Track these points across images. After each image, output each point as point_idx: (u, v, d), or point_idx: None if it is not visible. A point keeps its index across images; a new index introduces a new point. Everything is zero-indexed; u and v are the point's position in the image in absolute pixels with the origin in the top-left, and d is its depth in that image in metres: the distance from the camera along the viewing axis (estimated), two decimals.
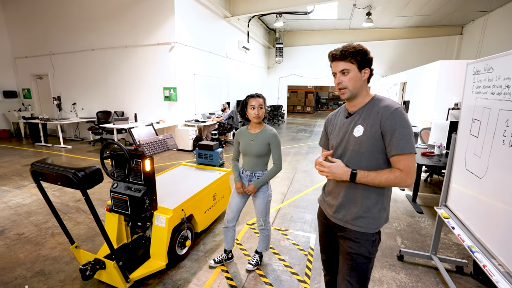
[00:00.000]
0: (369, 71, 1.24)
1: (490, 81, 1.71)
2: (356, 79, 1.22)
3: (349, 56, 1.19)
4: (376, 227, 1.28)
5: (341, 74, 1.23)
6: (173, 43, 6.56)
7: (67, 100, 8.52)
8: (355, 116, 1.28)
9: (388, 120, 1.15)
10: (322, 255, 1.60)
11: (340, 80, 1.23)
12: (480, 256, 1.61)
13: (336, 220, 1.36)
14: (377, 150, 1.21)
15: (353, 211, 1.29)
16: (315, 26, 12.39)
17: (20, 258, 2.43)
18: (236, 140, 2.22)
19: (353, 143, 1.26)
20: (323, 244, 1.56)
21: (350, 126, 1.29)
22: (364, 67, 1.22)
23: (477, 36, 9.30)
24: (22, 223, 3.07)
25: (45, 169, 1.56)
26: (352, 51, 1.19)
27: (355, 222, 1.28)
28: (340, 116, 1.40)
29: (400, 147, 1.13)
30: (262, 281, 2.21)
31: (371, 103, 1.25)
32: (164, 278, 2.21)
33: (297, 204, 3.74)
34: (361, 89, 1.25)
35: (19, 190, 4.08)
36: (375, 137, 1.19)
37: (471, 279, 2.27)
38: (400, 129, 1.13)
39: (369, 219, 1.26)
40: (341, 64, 1.22)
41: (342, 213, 1.33)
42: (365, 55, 1.20)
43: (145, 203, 2.13)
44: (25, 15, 8.40)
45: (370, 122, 1.21)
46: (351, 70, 1.21)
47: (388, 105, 1.19)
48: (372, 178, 1.18)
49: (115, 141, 2.18)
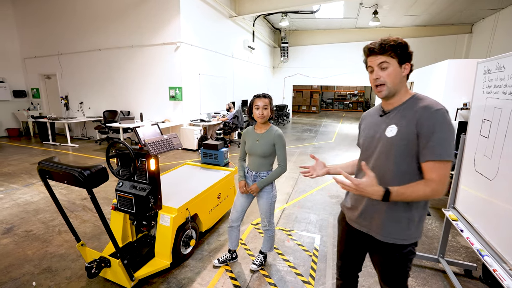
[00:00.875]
0: (410, 67, 1.13)
1: (502, 80, 1.66)
2: (396, 74, 1.11)
3: (389, 50, 1.09)
4: (404, 238, 1.17)
5: (379, 68, 1.12)
6: (178, 42, 6.59)
7: (74, 99, 8.63)
8: (390, 115, 1.17)
9: (427, 121, 1.04)
10: (339, 261, 1.52)
11: (377, 75, 1.12)
12: (490, 260, 1.57)
13: (359, 226, 1.29)
14: (409, 154, 1.10)
15: (378, 219, 1.20)
16: (321, 26, 12.31)
17: (28, 255, 2.47)
18: (243, 140, 2.22)
19: (383, 144, 1.16)
20: (341, 250, 1.49)
21: (382, 125, 1.19)
22: (405, 62, 1.11)
23: (487, 35, 9.11)
24: (30, 221, 3.12)
25: (51, 168, 1.57)
26: (392, 44, 1.09)
27: (380, 230, 1.20)
28: (375, 115, 1.29)
29: (437, 153, 1.02)
30: (266, 281, 2.20)
31: (410, 101, 1.14)
32: (169, 277, 2.22)
33: (302, 204, 3.72)
34: (400, 86, 1.14)
35: (28, 188, 4.15)
36: (409, 138, 1.08)
37: (480, 283, 2.22)
38: (439, 133, 1.02)
39: (396, 229, 1.17)
40: (379, 58, 1.11)
41: (366, 220, 1.25)
42: (406, 49, 1.10)
43: (150, 202, 2.14)
44: (33, 16, 8.54)
45: (406, 122, 1.10)
46: (390, 65, 1.10)
47: (429, 104, 1.07)
48: (408, 195, 1.05)
49: (121, 140, 2.19)
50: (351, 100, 20.11)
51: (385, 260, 1.24)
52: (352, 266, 1.47)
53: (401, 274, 1.24)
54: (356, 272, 1.51)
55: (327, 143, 8.09)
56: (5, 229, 2.92)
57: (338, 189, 4.27)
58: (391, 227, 1.17)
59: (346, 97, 20.31)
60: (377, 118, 1.24)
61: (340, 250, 1.49)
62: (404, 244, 1.17)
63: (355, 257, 1.44)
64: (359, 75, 12.97)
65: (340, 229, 1.47)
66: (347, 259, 1.47)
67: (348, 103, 20.19)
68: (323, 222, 3.21)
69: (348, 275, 1.51)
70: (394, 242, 1.18)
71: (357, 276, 1.53)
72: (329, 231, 3.02)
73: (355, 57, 12.77)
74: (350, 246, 1.42)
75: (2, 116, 8.59)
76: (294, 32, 13.45)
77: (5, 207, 3.45)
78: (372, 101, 19.43)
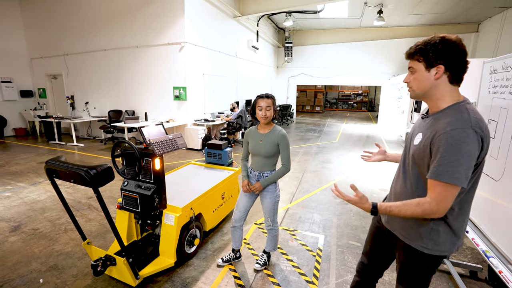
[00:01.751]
0: (443, 69, 1.01)
1: (508, 80, 1.65)
2: (421, 79, 1.06)
3: (416, 53, 1.06)
4: (424, 246, 1.14)
5: (410, 72, 1.13)
6: (183, 43, 6.62)
7: (80, 99, 8.73)
8: (426, 120, 1.13)
9: (437, 139, 0.99)
10: (363, 256, 1.53)
11: (408, 78, 1.13)
12: (496, 261, 1.55)
13: (386, 223, 1.32)
14: (426, 166, 1.07)
15: (405, 222, 1.20)
16: (325, 25, 12.27)
17: (35, 253, 2.51)
18: (246, 140, 2.22)
19: (410, 150, 1.16)
20: (368, 247, 1.50)
21: (417, 129, 1.16)
22: (434, 65, 1.02)
23: (494, 34, 9.00)
24: (37, 219, 3.17)
25: (58, 167, 1.60)
26: (421, 48, 1.04)
27: (400, 230, 1.23)
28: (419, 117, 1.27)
29: (437, 172, 0.97)
30: (270, 281, 2.20)
31: (446, 111, 1.05)
32: (173, 275, 2.24)
33: (306, 204, 3.71)
34: (432, 91, 1.07)
35: (35, 186, 4.21)
36: (425, 151, 1.06)
37: (486, 285, 2.20)
38: (445, 153, 0.96)
39: (417, 236, 1.16)
40: (409, 63, 1.11)
41: (395, 218, 1.26)
42: (435, 48, 1.01)
43: (154, 201, 2.16)
44: (40, 18, 8.66)
45: (428, 134, 1.06)
46: (417, 70, 1.08)
47: (451, 121, 0.98)
48: (395, 212, 1.08)
49: (126, 140, 2.22)
50: (355, 100, 20.01)
51: (404, 260, 1.24)
52: (375, 266, 1.47)
53: (415, 280, 1.23)
54: (377, 274, 1.50)
55: (331, 143, 8.06)
56: (13, 227, 2.97)
57: (342, 190, 4.25)
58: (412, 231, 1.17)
59: (350, 97, 20.21)
60: (420, 118, 1.20)
61: (367, 246, 1.50)
62: (424, 252, 1.15)
63: (380, 258, 1.44)
64: (364, 75, 12.91)
65: (372, 225, 1.48)
66: (372, 258, 1.47)
67: (352, 103, 20.09)
68: (327, 222, 3.21)
69: (368, 274, 1.51)
70: (413, 246, 1.17)
71: (377, 278, 1.52)
72: (332, 231, 3.02)
73: (359, 56, 12.71)
74: (378, 244, 1.43)
75: (10, 116, 8.72)
76: (298, 32, 13.42)
77: (12, 205, 3.51)
78: (376, 101, 19.30)
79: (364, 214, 3.42)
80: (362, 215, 3.39)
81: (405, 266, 1.24)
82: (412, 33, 11.66)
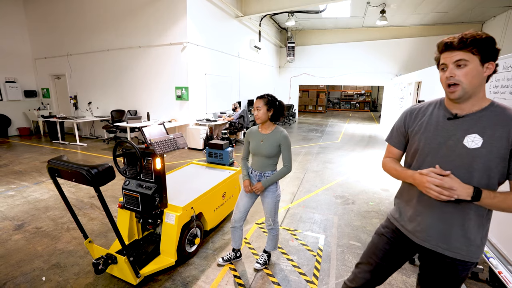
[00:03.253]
0: (494, 66, 0.97)
1: (509, 80, 1.64)
2: (475, 74, 0.96)
3: (471, 45, 0.94)
4: (477, 256, 1.08)
5: (454, 66, 0.98)
6: (185, 43, 6.65)
7: (83, 99, 8.79)
8: (468, 121, 1.02)
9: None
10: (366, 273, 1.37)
11: (452, 73, 0.98)
12: (496, 262, 1.55)
13: (422, 242, 1.15)
14: (495, 169, 0.98)
15: (449, 235, 1.09)
16: (328, 25, 12.25)
17: (38, 251, 2.54)
18: (246, 139, 2.23)
19: (462, 154, 1.02)
20: (374, 263, 1.33)
21: (457, 132, 1.03)
22: (488, 60, 0.96)
23: (498, 33, 8.92)
24: (40, 218, 3.20)
25: (60, 166, 1.62)
26: (475, 39, 0.94)
27: (450, 247, 1.09)
28: (435, 115, 1.12)
29: None
30: (270, 280, 2.21)
31: (493, 109, 1.00)
32: (174, 274, 2.25)
33: (307, 204, 3.71)
34: (479, 89, 0.99)
35: (38, 185, 4.25)
36: (499, 153, 0.97)
37: (487, 286, 2.18)
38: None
39: (468, 246, 1.07)
40: (457, 54, 0.97)
41: (433, 234, 1.12)
42: (492, 45, 0.95)
43: (155, 200, 2.17)
44: (44, 19, 8.74)
45: (496, 134, 0.97)
46: (470, 63, 0.95)
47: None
48: (500, 201, 0.95)
49: (127, 139, 2.23)
50: (358, 100, 19.94)
51: (448, 277, 1.14)
52: (377, 281, 1.37)
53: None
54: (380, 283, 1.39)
55: (333, 143, 8.05)
56: (16, 226, 3.01)
57: (343, 190, 4.26)
58: (463, 243, 1.07)
59: (353, 97, 20.16)
60: (443, 120, 1.08)
61: (371, 262, 1.35)
62: (470, 261, 1.09)
63: (386, 274, 1.34)
64: (366, 75, 12.87)
65: (381, 243, 1.32)
66: (378, 274, 1.35)
67: (355, 103, 20.03)
68: (328, 222, 3.21)
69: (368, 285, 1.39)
70: (461, 259, 1.08)
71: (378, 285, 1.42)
72: (333, 231, 3.02)
73: (362, 56, 12.67)
74: (389, 263, 1.30)
75: (14, 116, 8.80)
76: (300, 32, 13.41)
77: (16, 204, 3.55)
78: (379, 101, 19.22)
79: (364, 214, 3.42)
80: (363, 216, 3.39)
81: (448, 281, 1.14)
82: (415, 33, 11.60)
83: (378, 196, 4.03)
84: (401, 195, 1.27)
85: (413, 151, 1.16)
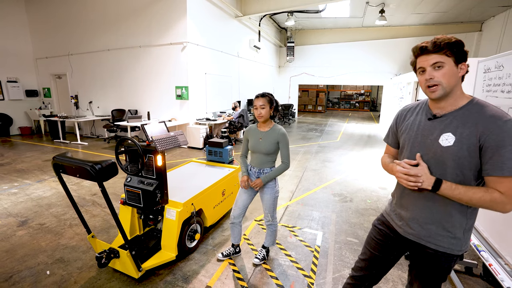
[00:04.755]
0: (466, 67, 1.06)
1: (500, 79, 1.69)
2: (452, 74, 1.03)
3: (445, 48, 1.02)
4: (459, 249, 1.14)
5: (432, 68, 1.05)
6: (185, 43, 6.70)
7: (84, 98, 8.85)
8: (444, 120, 1.09)
9: (494, 134, 0.96)
10: (363, 261, 1.45)
11: (431, 75, 1.05)
12: (487, 255, 1.60)
13: (407, 234, 1.23)
14: (467, 166, 1.04)
15: (430, 228, 1.15)
16: (327, 25, 12.29)
17: (42, 246, 2.59)
18: (245, 137, 2.28)
19: (437, 152, 1.09)
20: (370, 255, 1.41)
21: (435, 131, 1.11)
22: (461, 62, 1.04)
23: (498, 32, 8.97)
24: (43, 214, 3.26)
25: (65, 162, 1.67)
26: (448, 42, 1.02)
27: (431, 239, 1.16)
28: (419, 115, 1.20)
29: (508, 168, 0.95)
30: (268, 275, 2.26)
31: (469, 107, 1.05)
32: (174, 269, 2.30)
33: (305, 202, 3.76)
34: (456, 87, 1.06)
35: (40, 183, 4.31)
36: (469, 150, 1.02)
37: (480, 280, 2.23)
38: (510, 146, 0.94)
39: (449, 239, 1.13)
40: (433, 57, 1.04)
41: (416, 227, 1.19)
42: (462, 47, 1.03)
43: (157, 196, 2.23)
44: (45, 19, 8.79)
45: (466, 132, 1.03)
46: (446, 64, 1.03)
47: (495, 114, 0.98)
48: (461, 193, 1.01)
49: (129, 137, 2.29)
50: (357, 99, 19.99)
51: (431, 266, 1.20)
52: (375, 274, 1.43)
53: (439, 282, 1.23)
54: (375, 281, 1.46)
55: (332, 142, 8.10)
56: (20, 222, 3.06)
57: (341, 188, 4.31)
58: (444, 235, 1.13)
59: (352, 96, 20.20)
60: (424, 120, 1.16)
61: (369, 254, 1.42)
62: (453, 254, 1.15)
63: (385, 265, 1.39)
64: (366, 74, 12.91)
65: (377, 236, 1.39)
66: (373, 265, 1.41)
67: (354, 103, 20.07)
68: (326, 220, 3.26)
69: (366, 281, 1.46)
70: (443, 251, 1.14)
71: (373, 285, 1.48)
72: (331, 228, 3.07)
73: (361, 56, 12.71)
74: (384, 255, 1.36)
75: (15, 115, 8.86)
76: (300, 32, 13.45)
77: (19, 201, 3.61)
78: (378, 101, 19.26)
79: (362, 212, 3.47)
80: (361, 213, 3.44)
81: (432, 272, 1.21)
82: (414, 33, 11.64)
83: (376, 194, 4.08)
84: (394, 190, 1.35)
85: (401, 149, 1.26)
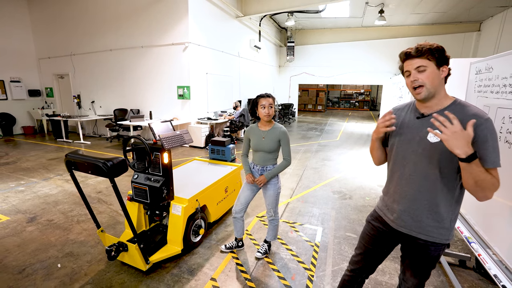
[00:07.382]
0: (447, 70, 1.15)
1: (490, 80, 1.78)
2: (434, 76, 1.13)
3: (426, 53, 1.12)
4: (447, 238, 1.22)
5: (416, 71, 1.15)
6: (186, 43, 6.78)
7: (86, 98, 8.94)
8: (426, 120, 1.18)
9: (479, 130, 1.05)
10: (359, 256, 1.53)
11: (415, 77, 1.14)
12: (476, 246, 1.69)
13: (399, 227, 1.31)
14: (453, 159, 1.11)
15: (421, 219, 1.23)
16: (327, 25, 12.37)
17: (52, 241, 2.69)
18: (247, 137, 2.37)
19: (425, 148, 1.18)
20: (365, 248, 1.49)
21: (423, 129, 1.19)
22: (442, 65, 1.14)
23: (496, 33, 9.05)
24: (51, 211, 3.36)
25: (78, 159, 1.76)
26: (429, 48, 1.12)
27: (422, 230, 1.24)
28: (408, 114, 1.29)
29: (491, 161, 1.05)
30: (270, 268, 2.36)
31: (453, 107, 1.15)
32: (180, 262, 2.40)
33: (306, 199, 3.86)
34: (439, 88, 1.15)
35: (46, 181, 4.40)
36: None
37: (473, 272, 2.33)
38: (491, 141, 1.05)
39: (438, 229, 1.21)
40: (416, 61, 1.14)
41: (407, 220, 1.27)
42: (443, 53, 1.13)
43: (163, 192, 2.32)
44: (48, 19, 8.88)
45: None
46: (428, 67, 1.12)
47: (478, 113, 1.09)
48: (481, 171, 1.03)
49: (137, 135, 2.38)
50: (357, 99, 20.07)
51: (422, 256, 1.28)
52: (370, 265, 1.51)
53: (429, 271, 1.33)
54: (370, 271, 1.55)
55: (332, 141, 8.19)
56: (29, 218, 3.16)
57: (340, 186, 4.40)
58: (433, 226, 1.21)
59: (352, 96, 20.27)
60: (413, 119, 1.24)
61: (364, 248, 1.50)
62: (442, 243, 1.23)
63: (377, 258, 1.47)
64: (365, 74, 12.99)
65: (370, 231, 1.47)
66: (369, 258, 1.49)
67: (354, 102, 20.15)
68: (325, 216, 3.36)
69: (362, 272, 1.55)
70: (433, 241, 1.23)
71: (369, 275, 1.57)
72: (330, 224, 3.17)
73: (361, 56, 12.79)
74: (378, 248, 1.44)
75: (18, 114, 8.96)
76: (300, 31, 13.53)
77: (27, 199, 3.70)
78: (378, 100, 19.35)
79: (361, 209, 3.56)
80: (360, 210, 3.54)
81: (423, 261, 1.29)
82: (413, 32, 11.71)
83: (374, 192, 4.18)
84: (385, 187, 1.45)
85: (390, 146, 1.35)
